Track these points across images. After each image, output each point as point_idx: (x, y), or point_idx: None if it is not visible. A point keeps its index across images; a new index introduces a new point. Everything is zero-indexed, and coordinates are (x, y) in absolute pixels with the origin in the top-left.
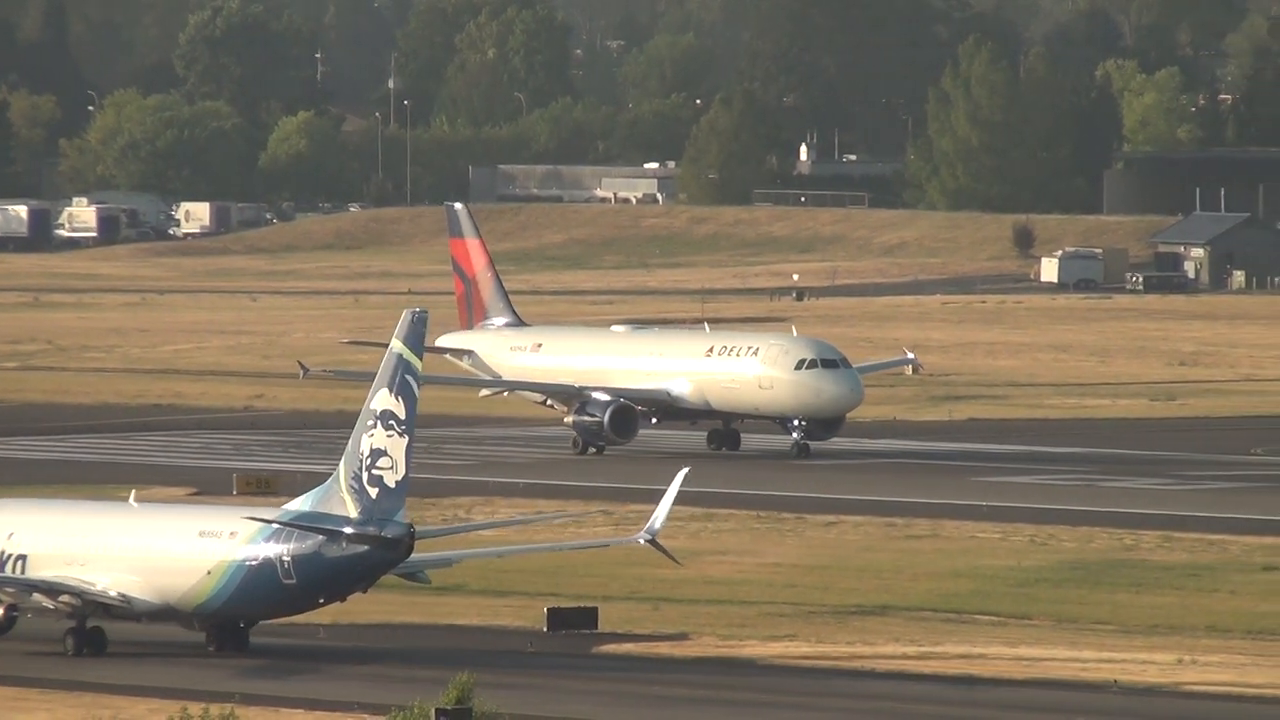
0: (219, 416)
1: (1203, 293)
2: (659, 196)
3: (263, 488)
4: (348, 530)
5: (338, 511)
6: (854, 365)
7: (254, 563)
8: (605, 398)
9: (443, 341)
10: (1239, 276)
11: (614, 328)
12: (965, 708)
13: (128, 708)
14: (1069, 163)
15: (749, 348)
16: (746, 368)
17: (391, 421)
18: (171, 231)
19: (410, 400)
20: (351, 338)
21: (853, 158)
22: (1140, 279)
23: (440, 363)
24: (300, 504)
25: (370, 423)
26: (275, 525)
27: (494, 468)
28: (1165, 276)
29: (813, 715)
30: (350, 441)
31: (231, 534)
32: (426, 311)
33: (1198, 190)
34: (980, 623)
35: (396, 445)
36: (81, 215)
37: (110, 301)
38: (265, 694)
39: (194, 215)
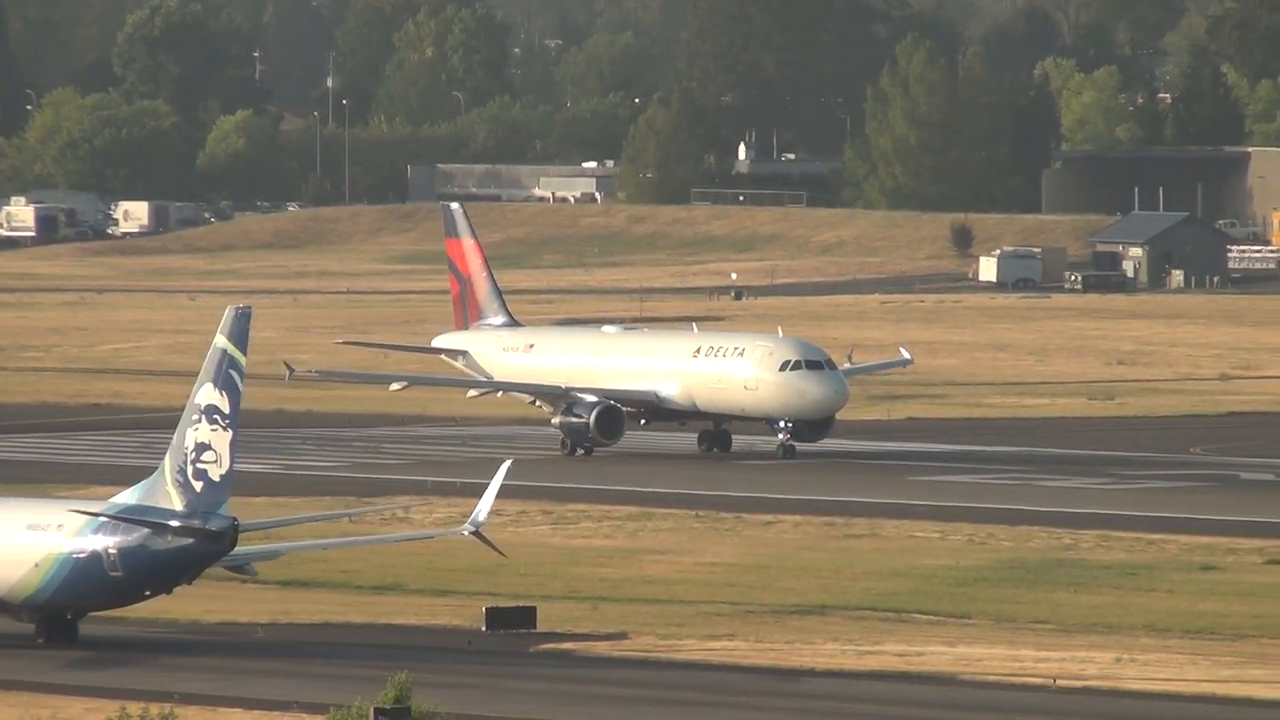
0: (158, 416)
1: (1141, 292)
2: (597, 195)
3: None
4: (173, 523)
5: (163, 505)
6: (851, 366)
7: (81, 555)
8: (592, 399)
9: (438, 342)
10: (1177, 276)
11: (605, 328)
12: (904, 706)
13: (65, 707)
14: (1007, 162)
15: (735, 348)
16: (732, 369)
17: (216, 416)
18: (110, 231)
19: (234, 395)
20: (345, 338)
21: (791, 157)
22: (1079, 278)
23: (436, 363)
24: (127, 497)
25: (195, 417)
26: (102, 518)
27: (431, 467)
28: (1104, 276)
29: (751, 714)
30: (175, 435)
31: (59, 526)
32: (250, 308)
33: (1136, 189)
34: (919, 622)
35: (220, 439)
36: (20, 215)
37: (49, 301)
38: (203, 693)
39: (132, 214)
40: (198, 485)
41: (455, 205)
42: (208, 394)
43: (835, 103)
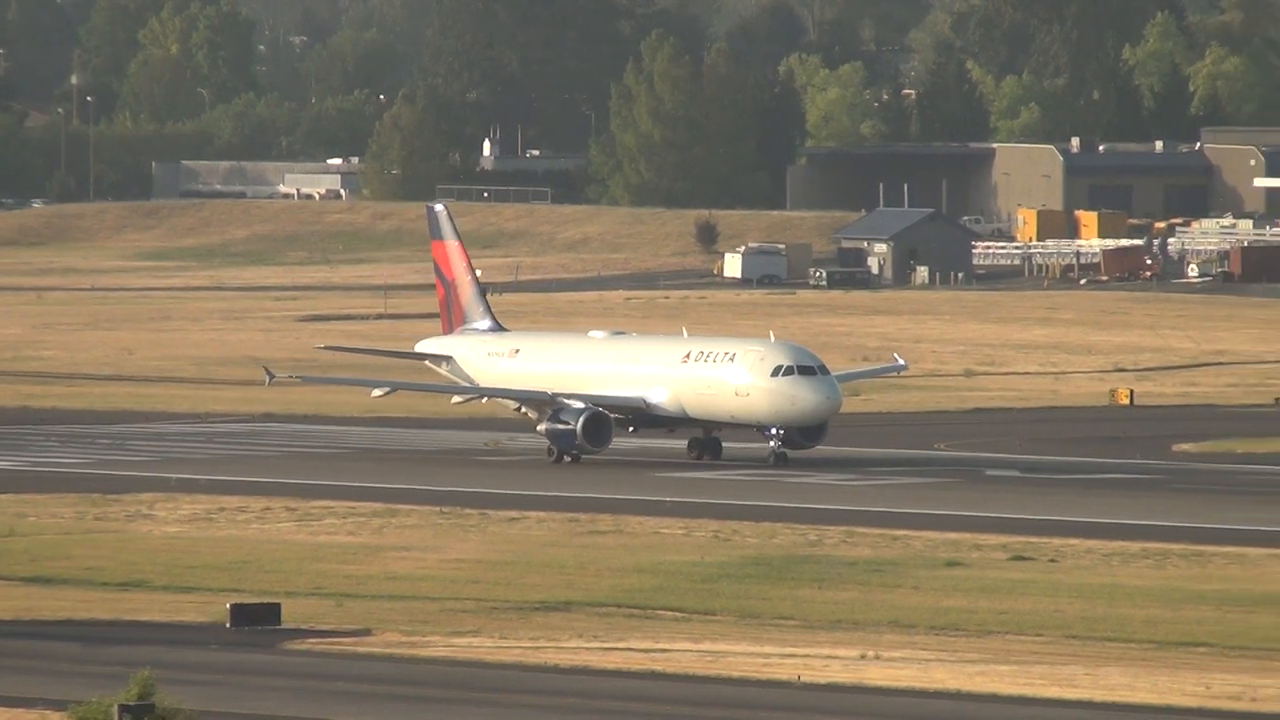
0: None
1: (886, 288)
2: (342, 192)
3: None
4: None
5: None
6: (845, 371)
7: None
8: (579, 405)
9: (421, 347)
10: (922, 272)
11: (592, 333)
12: (648, 703)
13: None
14: (752, 158)
15: (726, 354)
16: (723, 374)
17: None
18: None
19: None
20: (327, 343)
21: (535, 153)
22: (823, 274)
23: (423, 369)
24: None
25: None
26: None
27: (176, 464)
28: (848, 272)
29: (496, 711)
30: None
31: None
32: None
33: (881, 186)
34: (664, 618)
35: None
36: None
37: None
38: None
39: None
40: None
41: (439, 206)
42: None
43: (580, 99)
